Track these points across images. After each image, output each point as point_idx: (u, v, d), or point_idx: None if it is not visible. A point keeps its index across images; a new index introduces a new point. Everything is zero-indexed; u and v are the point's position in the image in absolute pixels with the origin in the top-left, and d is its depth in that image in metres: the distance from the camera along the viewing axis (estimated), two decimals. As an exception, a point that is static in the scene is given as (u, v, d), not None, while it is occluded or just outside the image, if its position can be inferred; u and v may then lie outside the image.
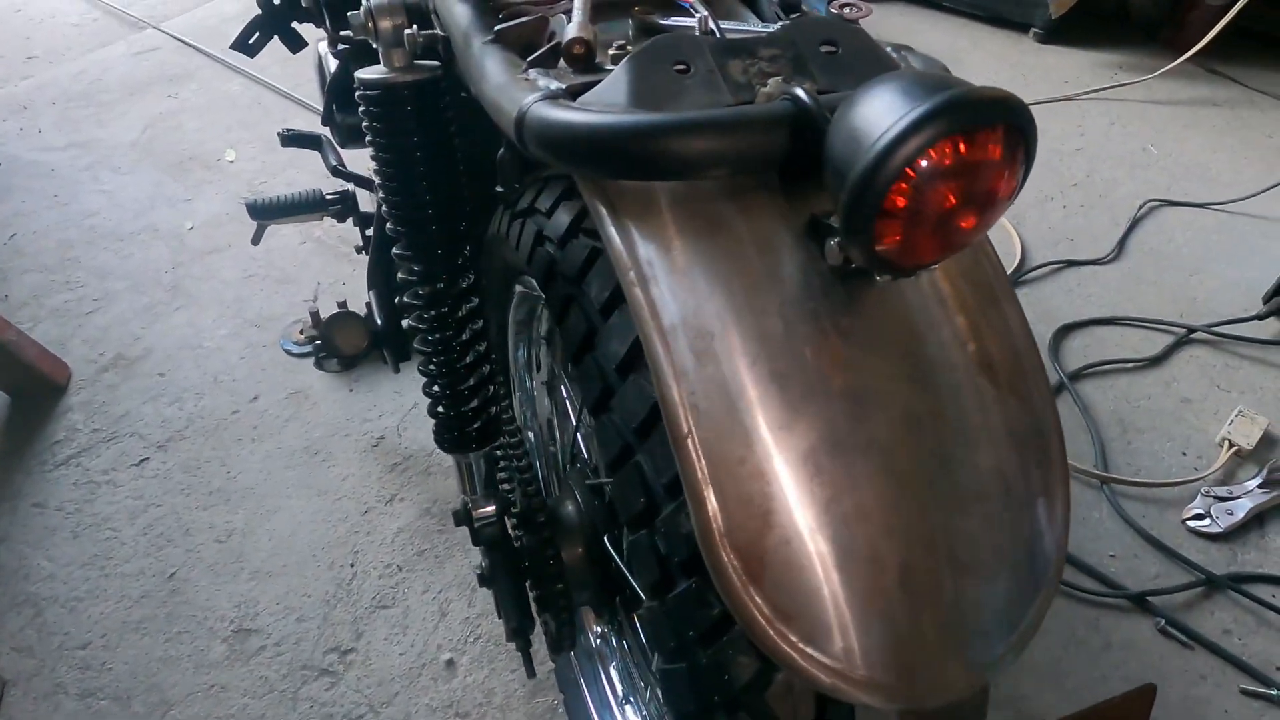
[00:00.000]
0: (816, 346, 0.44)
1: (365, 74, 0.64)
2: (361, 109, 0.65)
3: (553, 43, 0.56)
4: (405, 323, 0.76)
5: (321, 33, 1.07)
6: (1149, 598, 1.33)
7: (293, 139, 1.35)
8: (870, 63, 0.53)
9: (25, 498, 1.44)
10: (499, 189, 0.67)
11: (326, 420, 1.56)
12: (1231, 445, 1.53)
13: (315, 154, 1.40)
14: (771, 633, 0.43)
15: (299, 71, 2.37)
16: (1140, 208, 2.07)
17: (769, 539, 0.42)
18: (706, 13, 0.56)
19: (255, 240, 1.33)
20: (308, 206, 1.24)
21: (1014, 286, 1.87)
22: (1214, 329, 1.76)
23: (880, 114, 0.38)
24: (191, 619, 1.29)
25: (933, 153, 0.37)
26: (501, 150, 0.65)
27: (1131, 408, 1.62)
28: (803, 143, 0.45)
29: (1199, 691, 1.24)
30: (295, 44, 1.09)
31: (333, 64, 1.05)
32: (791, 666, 0.43)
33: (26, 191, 2.04)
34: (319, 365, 1.51)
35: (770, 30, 0.54)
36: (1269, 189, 2.11)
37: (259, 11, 1.04)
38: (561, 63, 0.55)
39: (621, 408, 0.57)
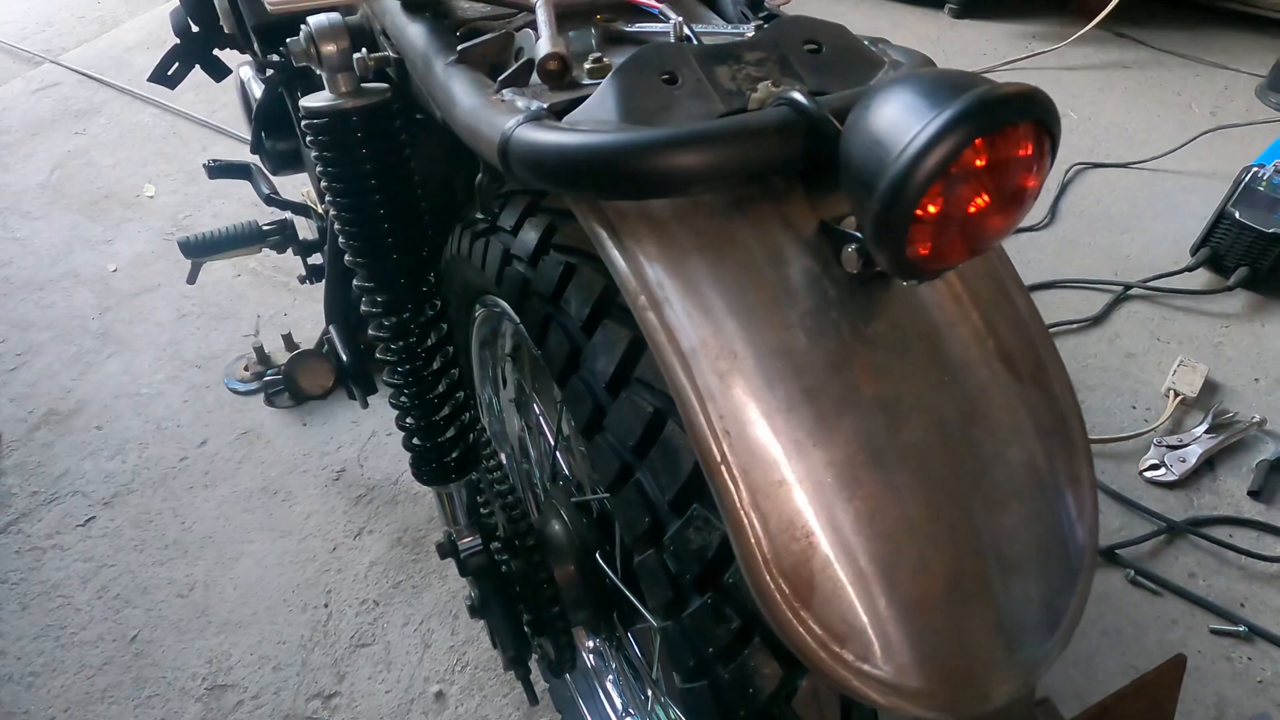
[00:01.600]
0: (842, 357, 0.44)
1: (311, 102, 0.61)
2: (309, 139, 0.62)
3: (523, 60, 0.54)
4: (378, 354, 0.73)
5: (245, 56, 1.02)
6: (1117, 550, 1.37)
7: (221, 170, 1.29)
8: (855, 60, 0.52)
9: (-36, 572, 1.35)
10: (479, 215, 0.65)
11: (282, 458, 1.51)
12: (1177, 395, 1.58)
13: (241, 183, 1.34)
14: (825, 656, 0.42)
15: (214, 97, 2.28)
16: (1068, 172, 2.13)
17: (815, 560, 0.41)
18: (679, 18, 0.54)
19: (191, 280, 1.27)
20: (245, 240, 1.19)
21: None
22: (1148, 284, 1.82)
23: (904, 118, 0.37)
24: (161, 681, 1.23)
25: (965, 156, 0.36)
26: (480, 176, 0.62)
27: (1080, 367, 1.67)
28: (807, 148, 0.44)
29: (1172, 635, 1.28)
30: (218, 72, 1.04)
31: (258, 89, 1.00)
32: (847, 687, 0.42)
33: (-71, 245, 1.92)
34: (269, 401, 1.46)
35: (751, 33, 0.52)
36: (1184, 144, 2.20)
37: (176, 41, 0.98)
38: (535, 80, 0.53)
39: (616, 427, 0.55)
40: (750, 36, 0.51)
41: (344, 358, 0.84)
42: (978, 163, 0.37)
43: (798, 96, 0.44)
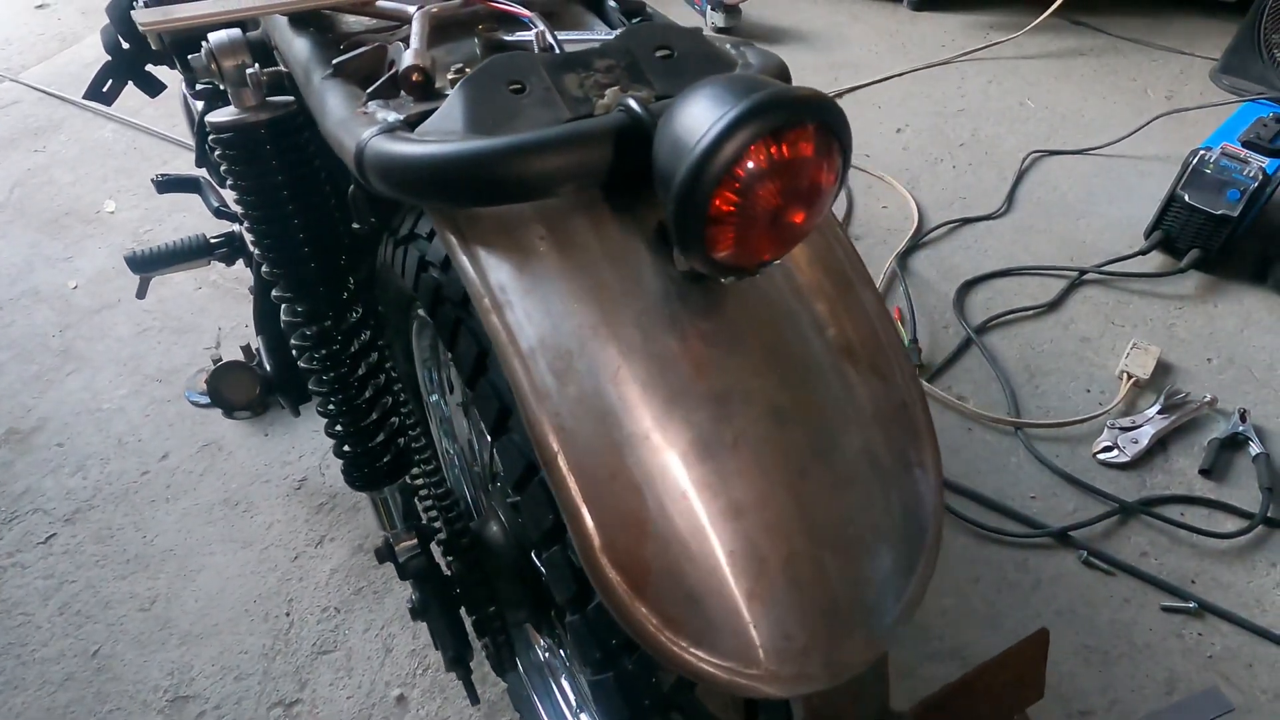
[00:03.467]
0: (677, 353, 0.45)
1: (216, 117, 0.62)
2: (217, 153, 0.63)
3: (391, 72, 0.55)
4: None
5: (181, 72, 1.03)
6: (1070, 532, 1.39)
7: (169, 184, 1.30)
8: (706, 65, 0.53)
9: (-76, 594, 1.35)
10: (355, 225, 0.66)
11: (244, 469, 1.51)
12: (1130, 377, 1.61)
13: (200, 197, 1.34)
14: (663, 640, 0.43)
15: (175, 111, 2.27)
16: (1024, 160, 2.15)
17: (648, 549, 0.43)
18: (544, 27, 0.56)
19: (140, 294, 1.27)
20: (192, 253, 1.19)
21: (915, 249, 1.92)
22: (1103, 269, 1.85)
23: (695, 122, 0.38)
24: (123, 695, 1.24)
25: (749, 157, 0.37)
26: (351, 186, 0.63)
27: (1036, 353, 1.69)
28: (639, 152, 0.45)
29: (1124, 614, 1.30)
30: (152, 88, 1.05)
31: (199, 104, 1.01)
32: (687, 670, 0.44)
33: (-112, 268, 1.91)
34: (228, 414, 1.46)
35: (605, 40, 0.54)
36: (1139, 129, 2.22)
37: (108, 58, 0.99)
38: (403, 92, 0.54)
39: (520, 427, 0.57)
40: (602, 44, 0.52)
41: (268, 367, 0.85)
42: (763, 163, 0.38)
43: (630, 102, 0.45)
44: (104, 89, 1.01)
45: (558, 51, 0.53)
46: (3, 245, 1.97)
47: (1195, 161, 1.78)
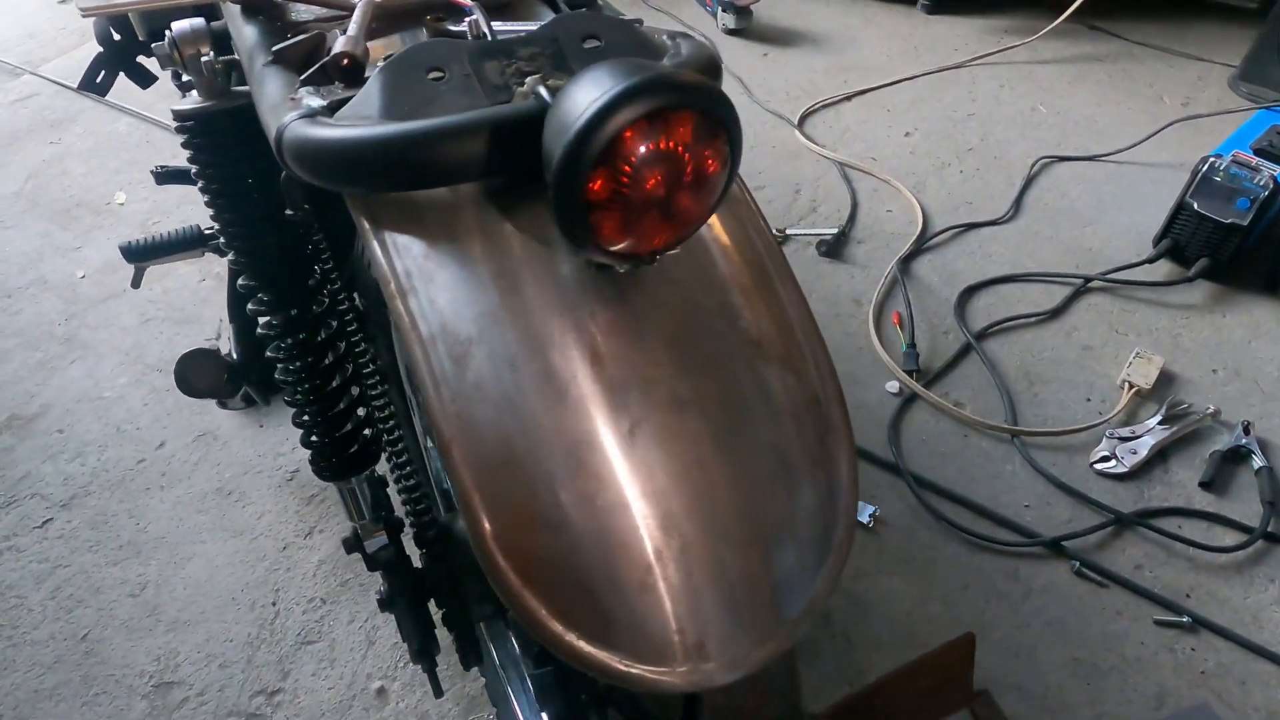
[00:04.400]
0: (577, 341, 0.44)
1: (179, 106, 0.62)
2: (181, 142, 0.63)
3: (324, 59, 0.55)
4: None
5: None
6: (1063, 542, 1.37)
7: (168, 175, 1.31)
8: (633, 51, 0.53)
9: (-79, 575, 1.37)
10: (288, 212, 0.66)
11: (238, 459, 1.53)
12: (1131, 386, 1.58)
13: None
14: (555, 629, 0.43)
15: (186, 105, 2.30)
16: (1033, 166, 2.13)
17: (539, 539, 0.42)
18: (480, 15, 0.55)
19: (135, 283, 1.28)
20: (186, 244, 1.20)
21: (918, 254, 1.90)
22: (1109, 276, 1.82)
23: (576, 105, 0.38)
24: (109, 679, 1.25)
25: (626, 139, 0.37)
26: (284, 173, 0.63)
27: (1036, 360, 1.67)
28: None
29: (1116, 627, 1.28)
30: (144, 79, 1.06)
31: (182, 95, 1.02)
32: (580, 661, 0.43)
33: (-97, 255, 1.95)
34: (221, 404, 1.48)
35: (532, 29, 0.53)
36: (1152, 135, 2.19)
37: (100, 49, 1.00)
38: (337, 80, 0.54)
39: None
40: (529, 33, 0.52)
41: (235, 355, 0.86)
42: (641, 146, 0.37)
43: (541, 89, 0.45)
44: (97, 79, 1.03)
45: (488, 39, 0.53)
46: (15, 235, 2.01)
47: (1205, 169, 1.74)
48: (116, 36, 0.99)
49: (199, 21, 0.60)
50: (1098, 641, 1.27)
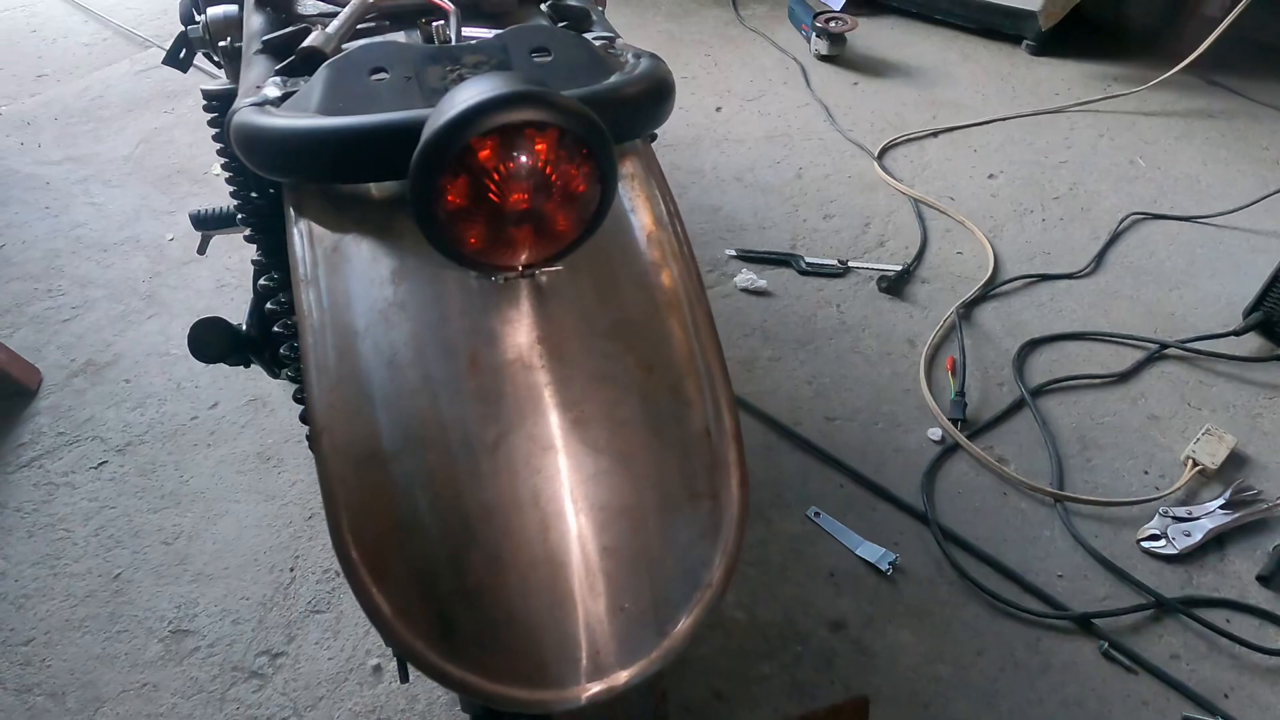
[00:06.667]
0: (459, 346, 0.44)
1: (207, 86, 0.66)
2: (209, 119, 0.67)
3: (296, 53, 0.57)
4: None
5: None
6: (1094, 619, 1.29)
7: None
8: (582, 68, 0.52)
9: (-14, 498, 1.48)
10: (253, 195, 0.68)
11: (282, 426, 1.59)
12: (1196, 464, 1.48)
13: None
14: (399, 629, 0.43)
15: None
16: (1123, 221, 2.03)
17: (392, 540, 0.42)
18: (451, 20, 0.56)
19: (201, 250, 1.36)
20: (248, 217, 1.27)
21: (983, 300, 1.83)
22: (1188, 345, 1.71)
23: (438, 115, 0.38)
24: (132, 619, 1.32)
25: (478, 151, 0.36)
26: None
27: (1095, 424, 1.58)
28: None
29: (1140, 717, 1.20)
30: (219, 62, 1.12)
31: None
32: (421, 664, 0.43)
33: (21, 203, 2.12)
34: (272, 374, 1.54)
35: (484, 37, 0.54)
36: (1259, 201, 2.05)
37: (183, 28, 1.07)
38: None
39: None
40: (481, 40, 0.52)
41: (245, 327, 0.90)
42: (491, 156, 0.37)
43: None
44: (179, 56, 1.09)
45: (453, 44, 0.54)
46: (119, 194, 2.15)
47: (1307, 241, 1.62)
48: (198, 18, 1.05)
49: (232, 9, 0.63)
50: (1117, 729, 1.19)
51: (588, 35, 0.55)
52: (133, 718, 1.21)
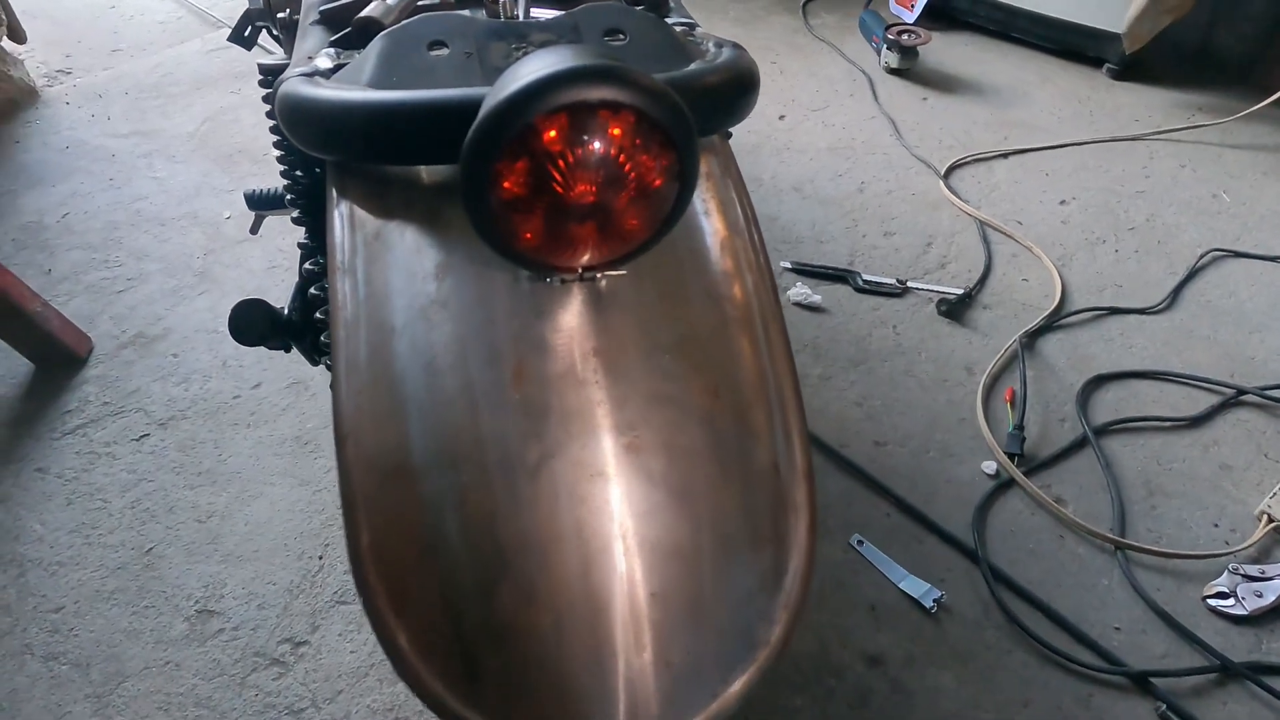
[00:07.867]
0: (504, 353, 0.40)
1: (265, 61, 0.63)
2: (263, 95, 0.64)
3: (352, 24, 0.54)
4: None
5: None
6: (1152, 678, 1.21)
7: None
8: (660, 53, 0.48)
9: (30, 462, 1.50)
10: (298, 174, 0.65)
11: (322, 411, 1.58)
12: (1271, 520, 1.39)
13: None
14: (416, 665, 0.39)
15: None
16: (1202, 256, 1.92)
17: (415, 565, 0.38)
18: None
19: (254, 230, 1.35)
20: (301, 200, 1.25)
21: (1048, 330, 1.75)
22: (1267, 392, 1.61)
23: (499, 90, 0.33)
24: (160, 595, 1.32)
25: (544, 131, 0.32)
26: None
27: (1162, 470, 1.50)
28: None
29: (1197, 789, 1.12)
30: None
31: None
32: (437, 707, 0.39)
33: (86, 174, 2.16)
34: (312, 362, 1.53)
35: (560, 15, 0.50)
36: (1352, 245, 1.93)
37: (249, 6, 1.06)
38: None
39: None
40: (549, 19, 0.48)
41: (286, 312, 0.87)
42: (564, 140, 0.32)
43: None
44: (245, 34, 1.08)
45: (520, 20, 0.50)
46: (181, 170, 2.18)
47: None
48: (264, -5, 1.05)
49: (286, -16, 0.61)
50: (1171, 800, 1.11)
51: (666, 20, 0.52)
52: (153, 695, 1.20)
